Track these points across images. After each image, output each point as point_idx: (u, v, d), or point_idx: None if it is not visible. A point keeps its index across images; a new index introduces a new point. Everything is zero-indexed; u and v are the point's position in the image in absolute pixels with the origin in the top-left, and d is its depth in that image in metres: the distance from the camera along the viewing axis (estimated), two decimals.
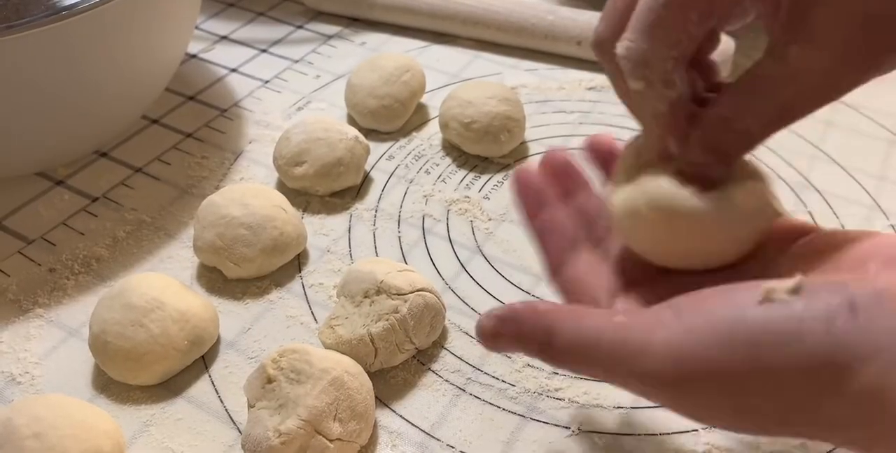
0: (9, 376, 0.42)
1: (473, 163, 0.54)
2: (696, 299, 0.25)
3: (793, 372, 0.22)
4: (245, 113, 0.59)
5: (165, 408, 0.40)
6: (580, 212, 0.34)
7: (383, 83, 0.55)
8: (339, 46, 0.66)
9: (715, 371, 0.23)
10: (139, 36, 0.48)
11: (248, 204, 0.46)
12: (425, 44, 0.66)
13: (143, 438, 0.39)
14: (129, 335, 0.40)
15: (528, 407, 0.40)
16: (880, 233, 0.26)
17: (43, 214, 0.51)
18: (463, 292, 0.46)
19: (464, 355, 0.43)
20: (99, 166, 0.55)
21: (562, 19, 0.62)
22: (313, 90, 0.61)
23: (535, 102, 0.59)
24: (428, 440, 0.39)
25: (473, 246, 0.49)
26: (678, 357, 0.24)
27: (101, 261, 0.48)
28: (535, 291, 0.46)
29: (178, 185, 0.53)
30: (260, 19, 0.70)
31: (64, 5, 0.42)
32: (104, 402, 0.41)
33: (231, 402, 0.41)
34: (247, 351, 0.43)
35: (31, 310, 0.45)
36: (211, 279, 0.47)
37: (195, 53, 0.65)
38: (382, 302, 0.40)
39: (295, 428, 0.35)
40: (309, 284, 0.46)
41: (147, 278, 0.42)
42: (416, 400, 0.41)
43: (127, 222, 0.50)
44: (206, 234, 0.45)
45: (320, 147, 0.50)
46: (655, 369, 0.24)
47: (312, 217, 0.51)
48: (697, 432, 0.39)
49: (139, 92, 0.53)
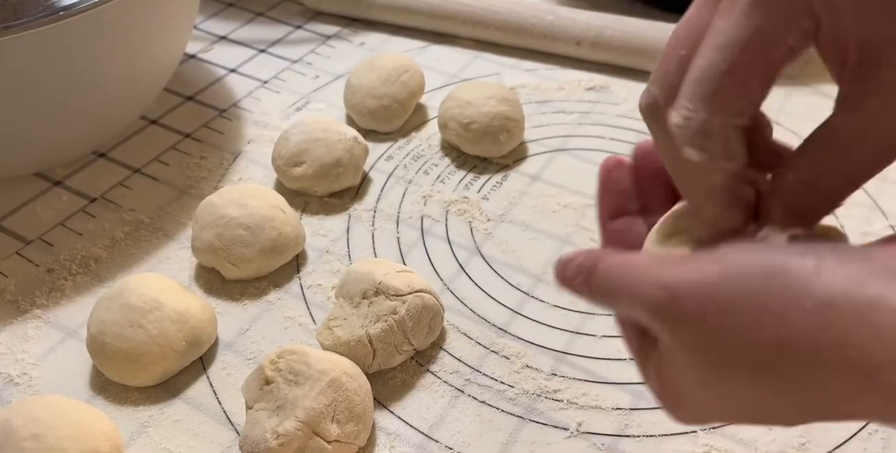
0: (7, 377, 0.42)
1: (472, 164, 0.54)
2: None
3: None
4: (244, 113, 0.59)
5: (163, 409, 0.40)
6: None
7: (382, 83, 0.55)
8: (337, 47, 0.66)
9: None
10: (138, 36, 0.48)
11: (247, 204, 0.46)
12: (424, 44, 0.66)
13: (140, 439, 0.39)
14: (127, 336, 0.40)
15: (527, 409, 0.40)
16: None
17: (41, 215, 0.51)
18: (461, 293, 0.46)
19: (462, 356, 0.43)
20: (97, 167, 0.54)
21: (561, 19, 0.62)
22: (312, 90, 0.61)
23: (535, 102, 0.59)
24: (426, 441, 0.39)
25: (472, 246, 0.49)
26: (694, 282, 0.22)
27: (99, 262, 0.48)
28: (535, 292, 0.46)
29: (177, 186, 0.53)
30: (259, 19, 0.70)
31: (62, 5, 0.42)
32: (102, 403, 0.41)
33: (229, 403, 0.41)
34: (245, 353, 0.43)
35: (29, 311, 0.45)
36: (209, 280, 0.47)
37: (194, 53, 0.65)
38: (381, 303, 0.40)
39: (293, 430, 0.35)
40: (307, 285, 0.46)
41: (145, 279, 0.42)
42: (415, 401, 0.41)
43: (125, 223, 0.50)
44: (205, 235, 0.45)
45: (319, 147, 0.50)
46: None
47: (311, 217, 0.51)
48: (696, 433, 0.39)
49: (137, 92, 0.53)
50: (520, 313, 0.45)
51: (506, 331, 0.44)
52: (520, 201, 0.51)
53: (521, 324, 0.44)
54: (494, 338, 0.43)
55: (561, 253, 0.48)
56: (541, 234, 0.49)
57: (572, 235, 0.49)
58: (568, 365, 0.42)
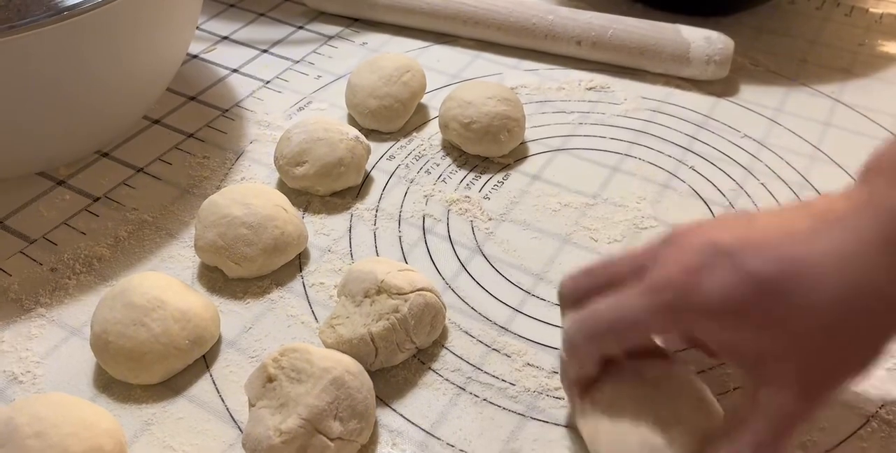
0: (10, 375, 0.42)
1: (473, 163, 0.54)
2: None
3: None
4: (246, 113, 0.59)
5: (166, 407, 0.41)
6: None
7: (384, 83, 0.55)
8: (339, 47, 0.66)
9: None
10: (141, 36, 0.48)
11: (250, 203, 0.46)
12: (426, 44, 0.66)
13: (144, 437, 0.39)
14: (131, 334, 0.40)
15: (528, 406, 0.40)
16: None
17: (44, 214, 0.51)
18: (463, 292, 0.46)
19: (464, 354, 0.43)
20: (100, 166, 0.55)
21: (562, 19, 0.63)
22: (314, 90, 0.61)
23: (535, 102, 0.60)
24: (428, 439, 0.39)
25: (473, 245, 0.49)
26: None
27: (102, 261, 0.48)
28: (536, 291, 0.46)
29: (180, 185, 0.53)
30: (261, 20, 0.70)
31: (65, 6, 0.43)
32: (105, 401, 0.41)
33: (232, 401, 0.41)
34: (248, 351, 0.43)
35: (33, 310, 0.45)
36: (212, 278, 0.47)
37: (196, 54, 0.66)
38: (383, 301, 0.40)
39: (295, 427, 0.35)
40: (310, 284, 0.47)
41: (148, 277, 0.42)
42: (417, 399, 0.41)
43: (128, 222, 0.50)
44: (208, 234, 0.45)
45: (321, 147, 0.50)
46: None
47: (313, 217, 0.51)
48: None
49: (140, 92, 0.53)
50: (521, 311, 0.45)
51: (507, 330, 0.44)
52: (520, 200, 0.52)
53: (523, 323, 0.44)
54: (496, 337, 0.44)
55: (560, 253, 0.48)
56: (541, 233, 0.49)
57: (573, 234, 0.49)
58: None
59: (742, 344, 0.32)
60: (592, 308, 0.34)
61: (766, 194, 0.52)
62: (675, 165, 0.54)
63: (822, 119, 0.58)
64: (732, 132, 0.57)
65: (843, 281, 0.30)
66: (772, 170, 0.54)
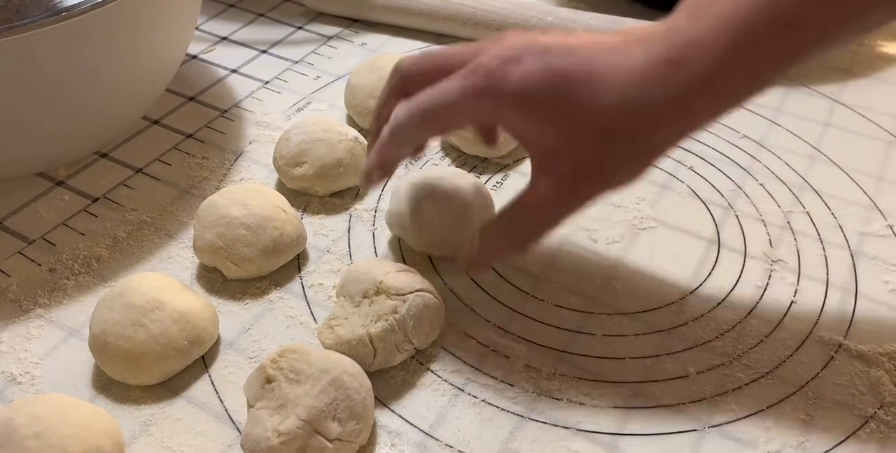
0: (9, 376, 0.42)
1: (472, 164, 0.54)
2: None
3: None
4: (245, 113, 0.59)
5: (165, 408, 0.41)
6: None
7: (383, 84, 0.55)
8: (339, 47, 0.66)
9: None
10: (140, 37, 0.48)
11: (248, 204, 0.46)
12: (425, 45, 0.66)
13: (143, 438, 0.39)
14: (129, 335, 0.40)
15: (527, 408, 0.40)
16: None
17: (43, 215, 0.51)
18: (462, 292, 0.46)
19: (463, 355, 0.43)
20: (99, 167, 0.55)
21: (561, 20, 0.63)
22: (313, 91, 0.61)
23: None
24: (427, 440, 0.39)
25: None
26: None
27: (101, 262, 0.48)
28: (535, 291, 0.46)
29: (179, 186, 0.53)
30: (260, 20, 0.70)
31: (65, 6, 0.43)
32: (104, 402, 0.41)
33: (231, 402, 0.41)
34: (246, 352, 0.43)
35: (32, 311, 0.45)
36: (211, 279, 0.47)
37: (195, 54, 0.66)
38: (382, 302, 0.40)
39: (294, 428, 0.35)
40: (308, 284, 0.47)
41: (147, 278, 0.42)
42: (416, 400, 0.41)
43: (127, 222, 0.50)
44: (207, 235, 0.45)
45: (320, 148, 0.50)
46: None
47: (312, 217, 0.51)
48: (696, 432, 0.39)
49: (140, 92, 0.54)
50: (520, 312, 0.45)
51: (506, 331, 0.44)
52: None
53: (522, 324, 0.44)
54: (495, 338, 0.44)
55: (559, 253, 0.48)
56: None
57: (571, 235, 0.49)
58: (568, 365, 0.42)
59: (536, 138, 0.36)
60: (418, 94, 0.37)
61: (766, 195, 0.52)
62: (673, 166, 0.54)
63: (822, 119, 0.58)
64: (731, 132, 0.57)
65: (624, 90, 0.33)
66: (771, 170, 0.54)
